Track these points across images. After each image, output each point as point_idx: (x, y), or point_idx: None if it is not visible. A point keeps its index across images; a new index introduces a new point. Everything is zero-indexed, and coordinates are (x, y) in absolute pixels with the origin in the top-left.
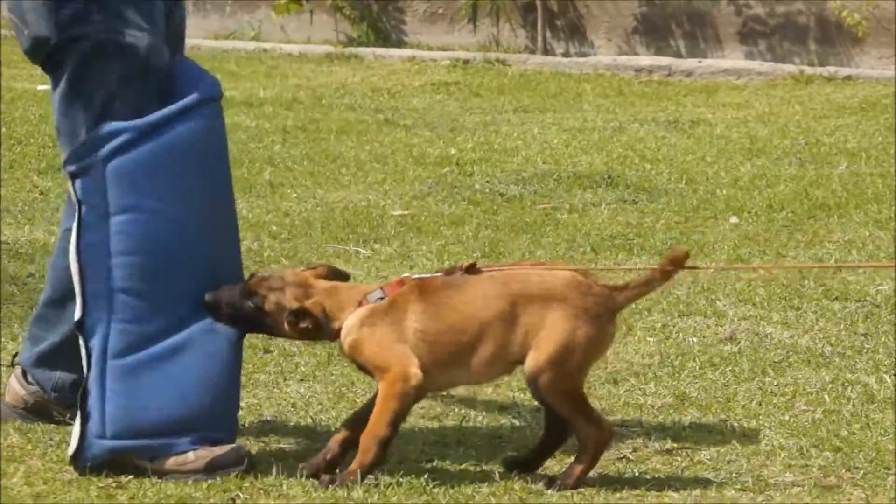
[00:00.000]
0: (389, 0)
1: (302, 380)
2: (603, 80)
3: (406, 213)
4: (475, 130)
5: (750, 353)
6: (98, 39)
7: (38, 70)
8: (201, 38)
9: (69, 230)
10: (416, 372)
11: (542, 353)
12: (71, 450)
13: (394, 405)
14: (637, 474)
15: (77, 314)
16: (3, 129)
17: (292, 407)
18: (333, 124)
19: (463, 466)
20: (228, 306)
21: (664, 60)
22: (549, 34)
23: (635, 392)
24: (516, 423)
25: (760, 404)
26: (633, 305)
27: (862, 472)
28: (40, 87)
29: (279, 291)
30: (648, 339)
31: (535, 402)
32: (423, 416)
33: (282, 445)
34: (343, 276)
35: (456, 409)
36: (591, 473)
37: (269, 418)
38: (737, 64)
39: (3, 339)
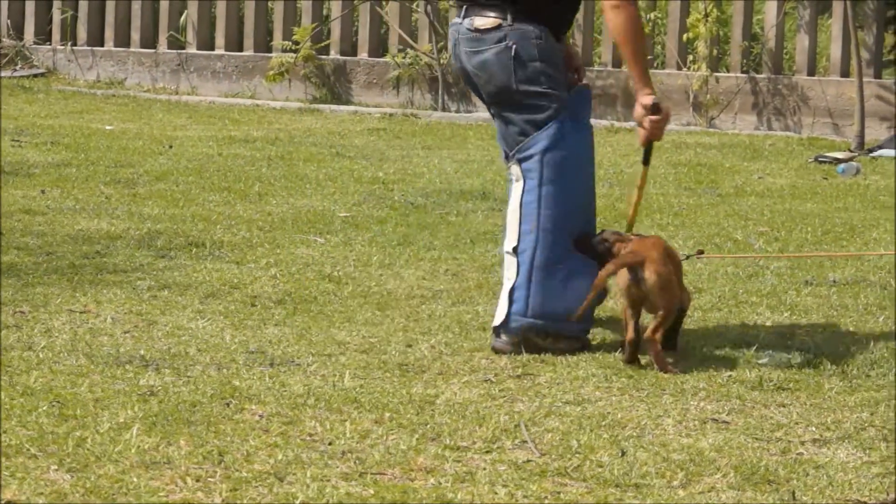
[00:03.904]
0: (342, 73)
1: (276, 325)
2: (481, 128)
3: (348, 215)
4: (396, 161)
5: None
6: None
7: (107, 115)
8: (215, 96)
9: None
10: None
11: None
12: (497, 321)
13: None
14: (498, 391)
15: (512, 243)
16: (83, 155)
17: (269, 343)
18: (302, 155)
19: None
20: (592, 247)
21: None
22: (446, 97)
23: None
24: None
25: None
26: None
27: (646, 392)
28: (108, 127)
29: (614, 242)
30: None
31: None
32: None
33: (262, 368)
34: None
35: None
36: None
37: (253, 349)
38: None
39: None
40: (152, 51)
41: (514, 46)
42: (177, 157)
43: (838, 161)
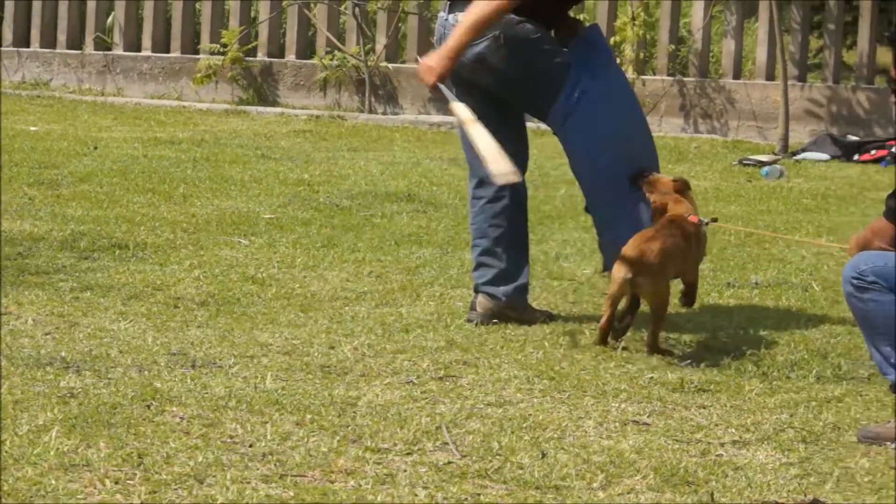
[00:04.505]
0: (269, 75)
1: (199, 326)
2: (407, 131)
3: (273, 216)
4: (321, 163)
5: None
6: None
7: (32, 116)
8: (142, 97)
9: (488, 201)
10: None
11: None
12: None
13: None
14: (420, 392)
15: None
16: (6, 156)
17: (191, 344)
18: (227, 157)
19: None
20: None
21: (448, 118)
22: (373, 99)
23: (420, 338)
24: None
25: (503, 347)
26: (429, 282)
27: (567, 394)
28: (32, 128)
29: (651, 191)
30: (430, 303)
31: None
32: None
33: (183, 370)
34: (688, 189)
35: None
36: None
37: (175, 351)
38: None
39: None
40: (79, 52)
41: (501, 35)
42: (101, 159)
43: (762, 164)
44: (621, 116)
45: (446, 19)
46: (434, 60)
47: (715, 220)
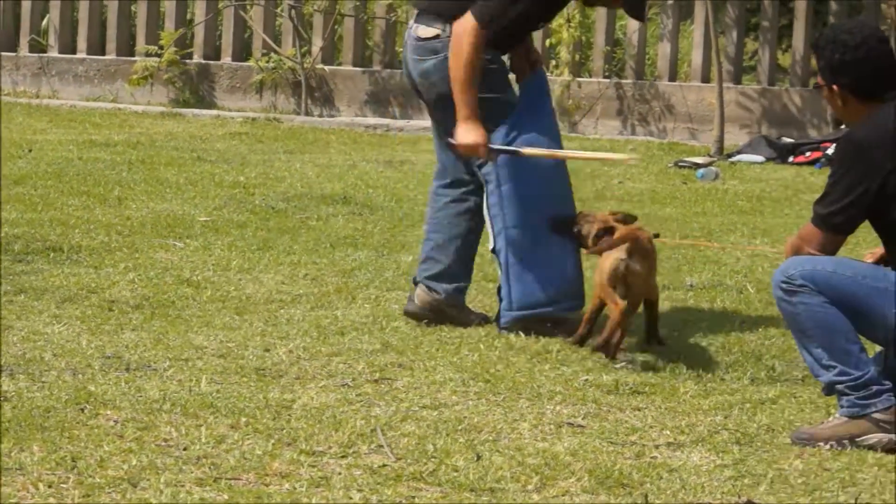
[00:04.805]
0: (205, 77)
1: (133, 329)
2: (344, 133)
3: (208, 219)
4: (257, 165)
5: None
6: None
7: None
8: (77, 100)
9: (453, 200)
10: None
11: None
12: (495, 318)
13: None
14: (355, 395)
15: (491, 245)
16: None
17: (125, 347)
18: (163, 159)
19: None
20: (566, 229)
21: (384, 121)
22: (309, 102)
23: (355, 341)
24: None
25: (438, 350)
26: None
27: (502, 396)
28: None
29: (588, 223)
30: (366, 305)
31: None
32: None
33: (118, 373)
34: (631, 220)
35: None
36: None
37: (110, 354)
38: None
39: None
40: (13, 54)
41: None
42: (36, 161)
43: (698, 166)
44: (552, 163)
45: (409, 31)
46: (467, 136)
47: (657, 235)
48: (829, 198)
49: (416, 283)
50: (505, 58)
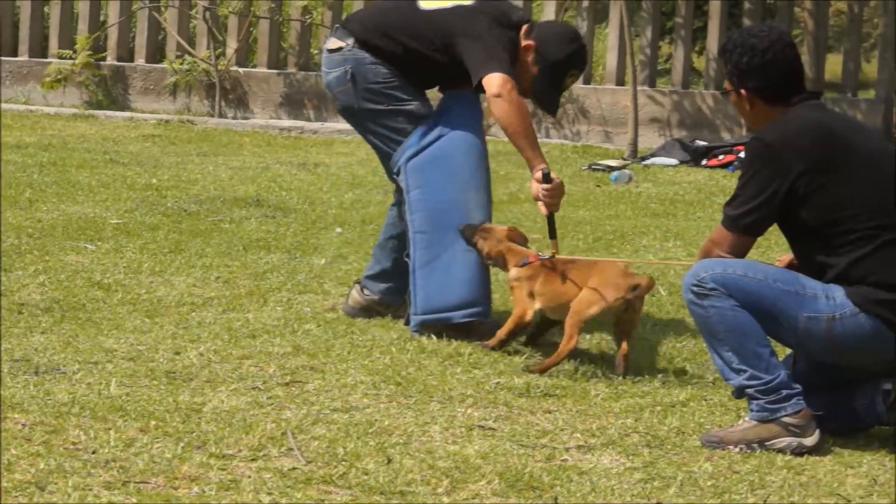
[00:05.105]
0: (118, 79)
1: (43, 332)
2: (258, 135)
3: (120, 221)
4: (170, 167)
5: (344, 319)
6: None
7: None
8: None
9: (396, 203)
10: (531, 312)
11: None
12: (405, 321)
13: (512, 326)
14: (266, 398)
15: (406, 251)
16: None
17: (34, 351)
18: (75, 161)
19: None
20: (467, 239)
21: (299, 123)
22: (223, 104)
23: (267, 344)
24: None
25: (350, 352)
26: (277, 287)
27: (414, 399)
28: None
29: (484, 239)
30: (278, 308)
31: None
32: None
33: (26, 376)
34: (524, 241)
35: None
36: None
37: (18, 357)
38: (347, 126)
39: None
40: None
41: (350, 70)
42: None
43: (611, 169)
44: (466, 169)
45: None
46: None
47: (554, 255)
48: (739, 199)
49: (356, 282)
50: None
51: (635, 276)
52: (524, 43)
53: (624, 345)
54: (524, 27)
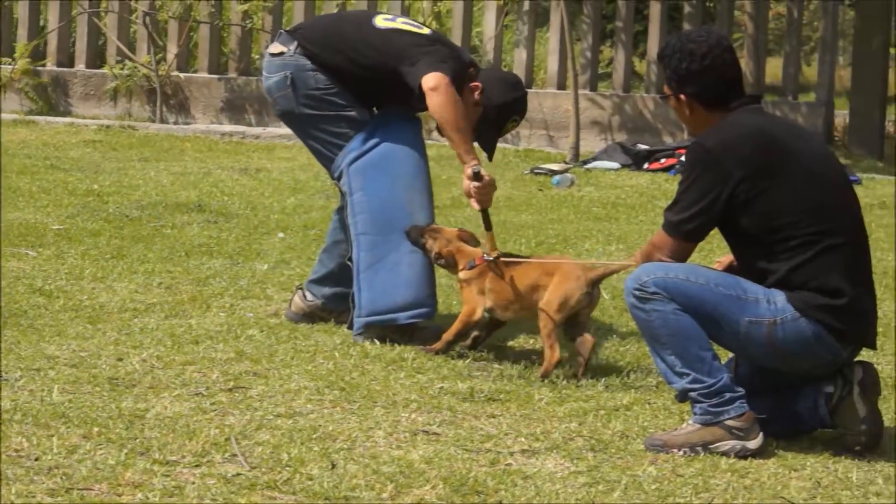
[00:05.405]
0: (59, 84)
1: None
2: (199, 140)
3: (61, 227)
4: (111, 173)
5: (287, 324)
6: None
7: None
8: None
9: (341, 207)
10: (480, 310)
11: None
12: (348, 325)
13: (460, 326)
14: (209, 404)
15: (349, 254)
16: None
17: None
18: (15, 167)
19: None
20: (415, 240)
21: (240, 128)
22: (165, 109)
23: (209, 350)
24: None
25: (293, 358)
26: (219, 293)
27: (357, 404)
28: None
29: (434, 239)
30: (220, 313)
31: None
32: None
33: None
34: (474, 241)
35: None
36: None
37: None
38: (288, 132)
39: None
40: None
41: (290, 75)
42: None
43: (553, 173)
44: (408, 171)
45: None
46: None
47: (499, 256)
48: (680, 205)
49: (298, 288)
50: None
51: (593, 269)
52: (472, 84)
53: (589, 343)
54: (471, 69)
